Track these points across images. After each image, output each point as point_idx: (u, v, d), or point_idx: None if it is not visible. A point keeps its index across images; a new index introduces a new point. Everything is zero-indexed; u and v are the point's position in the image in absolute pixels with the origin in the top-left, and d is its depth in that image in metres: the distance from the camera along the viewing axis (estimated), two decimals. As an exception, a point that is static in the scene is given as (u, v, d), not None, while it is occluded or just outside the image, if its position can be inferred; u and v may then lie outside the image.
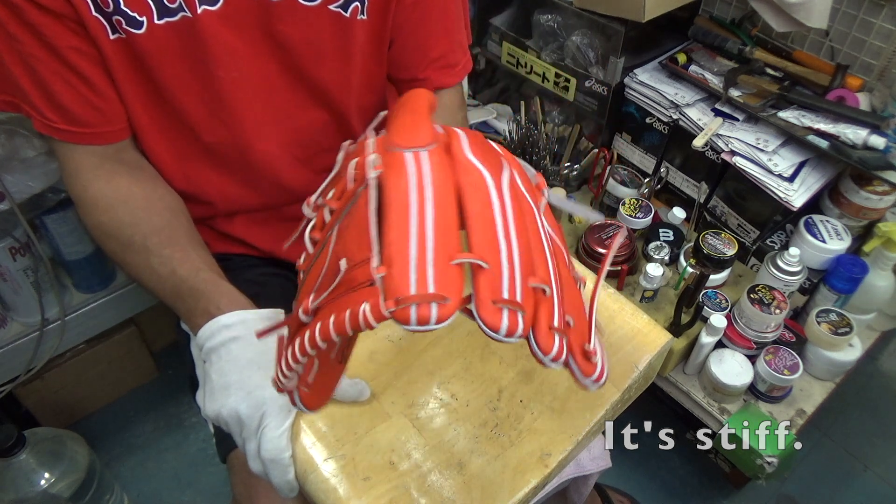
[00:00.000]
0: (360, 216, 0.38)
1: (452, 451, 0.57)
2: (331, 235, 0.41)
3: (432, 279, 0.33)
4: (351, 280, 0.36)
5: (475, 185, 0.39)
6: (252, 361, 0.53)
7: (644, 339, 0.60)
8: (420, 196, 0.36)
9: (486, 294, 0.34)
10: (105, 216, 0.65)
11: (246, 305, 0.59)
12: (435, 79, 0.80)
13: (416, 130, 0.41)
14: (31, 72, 0.62)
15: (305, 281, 0.43)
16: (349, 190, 0.41)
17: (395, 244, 0.34)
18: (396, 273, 0.33)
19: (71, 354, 1.28)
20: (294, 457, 0.54)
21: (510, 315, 0.34)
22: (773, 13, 1.14)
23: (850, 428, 1.40)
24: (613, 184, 1.29)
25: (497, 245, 0.36)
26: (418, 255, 0.34)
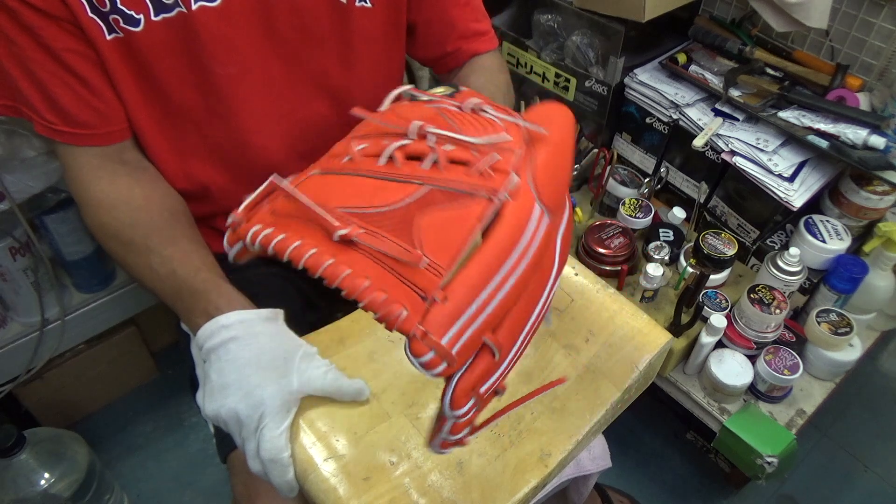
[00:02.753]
0: (462, 220, 0.37)
1: (452, 450, 0.57)
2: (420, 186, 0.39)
3: (461, 345, 0.35)
4: (410, 273, 0.36)
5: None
6: (251, 361, 0.53)
7: (644, 339, 0.60)
8: (518, 259, 0.37)
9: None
10: (106, 216, 0.65)
11: (245, 305, 0.59)
12: (466, 48, 0.81)
13: (560, 191, 0.43)
14: (30, 74, 0.62)
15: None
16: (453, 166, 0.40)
17: (466, 289, 0.35)
18: (447, 314, 0.35)
19: (71, 354, 1.28)
20: (293, 457, 0.54)
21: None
22: (773, 13, 1.14)
23: (850, 428, 1.40)
24: (613, 184, 1.29)
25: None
26: (472, 314, 0.35)
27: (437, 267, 0.35)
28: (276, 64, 0.71)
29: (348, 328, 0.66)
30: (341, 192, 0.40)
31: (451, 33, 0.80)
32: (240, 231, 0.39)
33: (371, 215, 0.38)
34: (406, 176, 0.40)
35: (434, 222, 0.37)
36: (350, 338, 0.65)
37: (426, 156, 0.40)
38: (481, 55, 0.83)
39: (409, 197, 0.38)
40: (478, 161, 0.40)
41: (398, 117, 0.43)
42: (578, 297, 0.62)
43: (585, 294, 0.62)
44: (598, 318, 0.61)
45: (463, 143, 0.41)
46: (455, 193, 0.38)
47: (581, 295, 0.62)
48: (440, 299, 0.35)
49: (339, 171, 0.41)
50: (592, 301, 0.62)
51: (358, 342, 0.65)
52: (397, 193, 0.39)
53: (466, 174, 0.39)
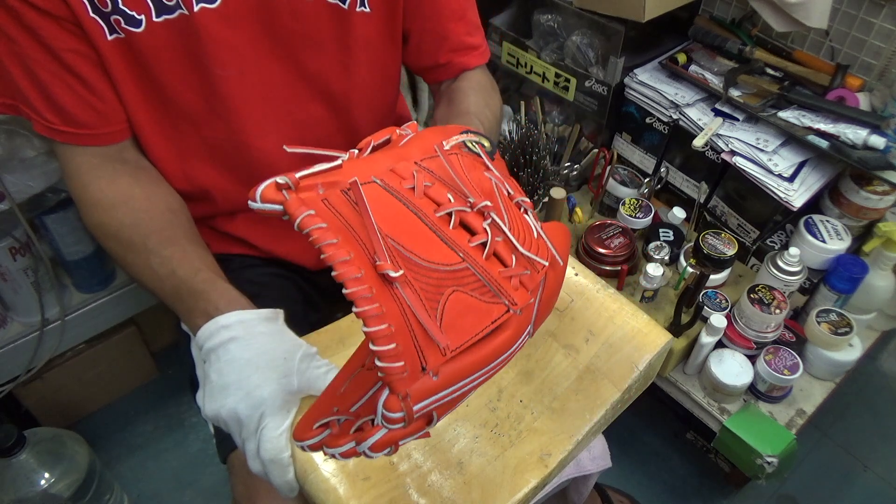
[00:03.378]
0: (481, 315, 0.40)
1: (452, 451, 0.57)
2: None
3: (420, 415, 0.38)
4: (424, 342, 0.38)
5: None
6: (251, 361, 0.53)
7: (644, 340, 0.60)
8: (498, 366, 0.42)
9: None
10: (105, 216, 0.65)
11: (245, 305, 0.59)
12: (457, 61, 0.81)
13: (548, 313, 0.49)
14: (30, 74, 0.62)
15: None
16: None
17: (454, 376, 0.39)
18: (430, 388, 0.38)
19: (71, 354, 1.28)
20: (294, 457, 0.54)
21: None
22: (773, 13, 1.14)
23: (850, 428, 1.40)
24: (613, 184, 1.29)
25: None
26: (444, 395, 0.39)
27: (445, 348, 0.38)
28: (275, 66, 0.71)
29: (348, 328, 0.66)
30: (395, 220, 0.40)
31: (444, 45, 0.80)
32: (290, 204, 0.38)
33: (415, 264, 0.38)
34: (453, 242, 0.41)
35: (458, 303, 0.39)
36: (350, 338, 0.65)
37: (477, 232, 0.42)
38: (472, 70, 0.83)
39: (450, 266, 0.40)
40: (514, 270, 0.43)
41: (468, 177, 0.45)
42: (578, 297, 0.62)
43: (585, 294, 0.62)
44: (598, 319, 0.61)
45: (511, 244, 0.43)
46: (485, 286, 0.41)
47: (581, 295, 0.62)
48: (433, 375, 0.37)
49: (399, 196, 0.41)
50: (592, 301, 0.62)
51: (358, 342, 0.65)
52: (443, 256, 0.40)
53: (501, 275, 0.42)
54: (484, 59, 0.84)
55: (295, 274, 0.88)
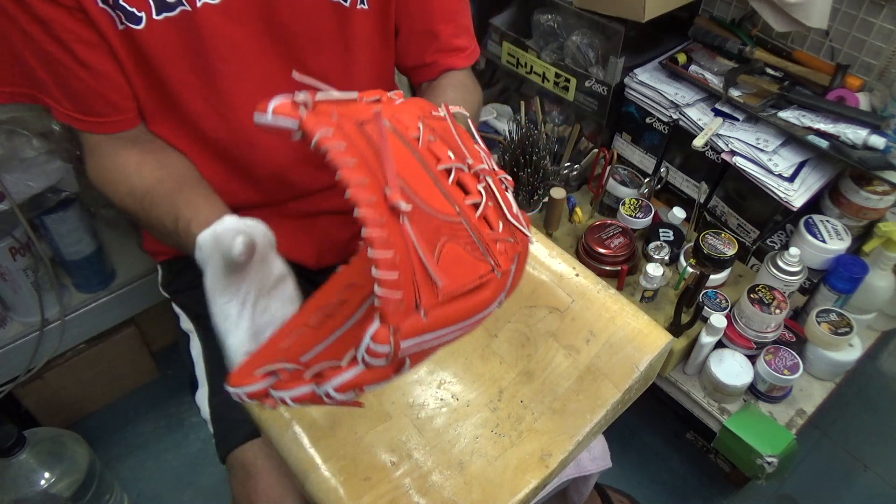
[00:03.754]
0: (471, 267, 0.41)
1: (453, 451, 0.57)
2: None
3: (403, 356, 0.38)
4: (423, 280, 0.38)
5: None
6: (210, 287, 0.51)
7: (645, 340, 0.60)
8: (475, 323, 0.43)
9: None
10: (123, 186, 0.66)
11: (214, 215, 0.55)
12: (443, 62, 0.81)
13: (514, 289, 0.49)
14: (47, 64, 0.63)
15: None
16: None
17: (441, 320, 0.39)
18: (419, 328, 0.38)
19: (71, 354, 1.28)
20: (295, 457, 0.54)
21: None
22: (773, 13, 1.14)
23: (850, 428, 1.40)
24: (613, 184, 1.29)
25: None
26: (427, 340, 0.39)
27: (440, 291, 0.38)
28: (275, 64, 0.71)
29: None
30: (403, 162, 0.40)
31: (432, 45, 0.80)
32: (308, 121, 0.38)
33: (418, 206, 0.39)
34: (451, 196, 0.42)
35: (452, 253, 0.40)
36: (350, 338, 0.65)
37: (471, 193, 0.43)
38: (456, 71, 0.83)
39: (447, 216, 0.41)
40: (500, 235, 0.44)
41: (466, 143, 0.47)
42: (579, 297, 0.62)
43: (586, 295, 0.62)
44: (599, 319, 0.61)
45: (500, 210, 0.45)
46: (475, 244, 0.42)
47: (582, 296, 0.62)
48: (424, 315, 0.37)
49: (407, 141, 0.42)
50: (593, 302, 0.62)
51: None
52: (442, 205, 0.41)
53: (489, 236, 0.43)
54: (469, 61, 0.84)
55: (295, 275, 0.88)
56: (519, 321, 0.64)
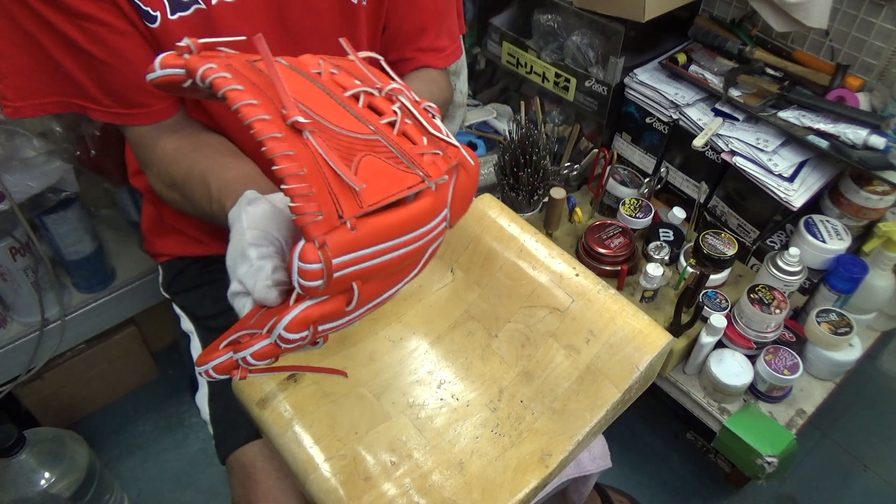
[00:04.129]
0: (397, 179, 0.39)
1: (453, 451, 0.57)
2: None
3: (341, 276, 0.37)
4: (340, 189, 0.36)
5: None
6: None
7: (645, 340, 0.60)
8: (416, 238, 0.41)
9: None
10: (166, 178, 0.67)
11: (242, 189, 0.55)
12: (421, 59, 0.82)
13: (461, 215, 0.48)
14: (85, 63, 0.62)
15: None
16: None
17: (374, 232, 0.38)
18: (349, 241, 0.36)
19: (71, 354, 1.28)
20: (296, 458, 0.54)
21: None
22: (773, 13, 1.14)
23: (850, 428, 1.40)
24: (613, 184, 1.29)
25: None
26: (364, 256, 0.38)
27: (362, 200, 0.36)
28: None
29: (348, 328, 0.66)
30: (304, 91, 0.39)
31: (414, 42, 0.81)
32: (191, 61, 0.37)
33: (325, 126, 0.37)
34: (363, 117, 0.40)
35: (373, 165, 0.38)
36: (350, 338, 0.65)
37: (385, 114, 0.41)
38: (431, 68, 0.83)
39: (361, 134, 0.39)
40: (425, 147, 0.41)
41: (374, 73, 0.45)
42: (579, 297, 0.62)
43: (586, 295, 0.62)
44: (599, 319, 0.61)
45: (421, 126, 0.42)
46: (398, 158, 0.40)
47: (582, 296, 0.62)
48: (351, 226, 0.35)
49: (306, 74, 0.41)
50: (593, 302, 0.62)
51: (358, 342, 0.65)
52: (353, 125, 0.39)
53: (413, 150, 0.41)
54: (447, 62, 0.85)
55: None
56: (519, 321, 0.64)
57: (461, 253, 0.68)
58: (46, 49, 0.61)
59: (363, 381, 0.61)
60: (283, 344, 0.38)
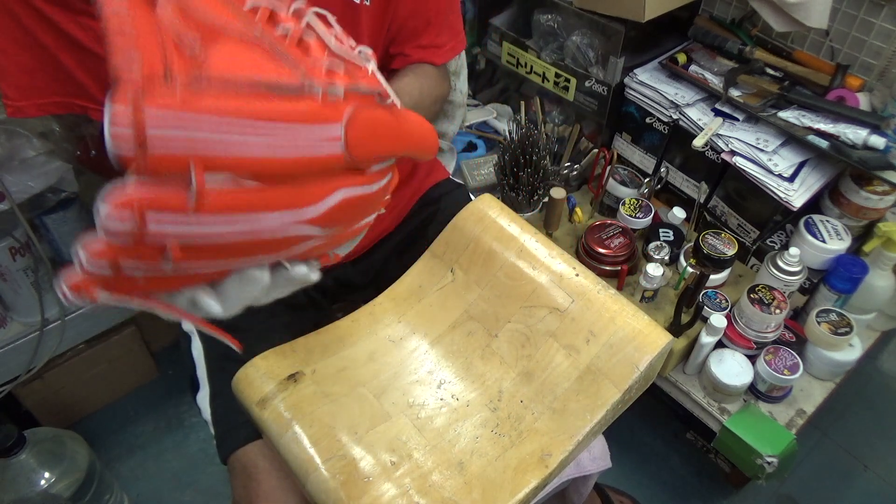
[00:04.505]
0: (259, 66, 0.34)
1: (453, 451, 0.57)
2: None
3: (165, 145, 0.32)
4: (174, 49, 0.32)
5: None
6: None
7: (645, 340, 0.60)
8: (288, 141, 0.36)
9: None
10: None
11: None
12: (417, 55, 0.82)
13: (372, 152, 0.42)
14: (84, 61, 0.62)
15: None
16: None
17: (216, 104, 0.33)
18: (174, 104, 0.31)
19: (71, 354, 1.28)
20: (296, 458, 0.54)
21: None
22: (773, 13, 1.14)
23: (850, 428, 1.40)
24: (613, 184, 1.29)
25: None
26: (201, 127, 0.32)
27: (205, 67, 0.32)
28: None
29: (348, 328, 0.66)
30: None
31: (415, 40, 0.81)
32: None
33: (183, 7, 0.33)
34: (245, 18, 0.35)
35: (235, 50, 0.34)
36: (350, 338, 0.65)
37: (280, 24, 0.37)
38: (426, 65, 0.83)
39: (230, 23, 0.34)
40: (319, 56, 0.37)
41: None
42: (579, 297, 0.62)
43: (586, 295, 0.62)
44: (599, 319, 0.61)
45: (327, 48, 0.38)
46: (273, 52, 0.35)
47: (582, 296, 0.62)
48: (181, 91, 0.30)
49: None
50: (593, 302, 0.62)
51: (358, 342, 0.65)
52: (222, 12, 0.34)
53: (299, 55, 0.37)
54: (444, 59, 0.84)
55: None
56: (519, 321, 0.64)
57: (461, 253, 0.68)
58: (48, 48, 0.61)
59: (363, 381, 0.61)
60: (107, 235, 0.32)
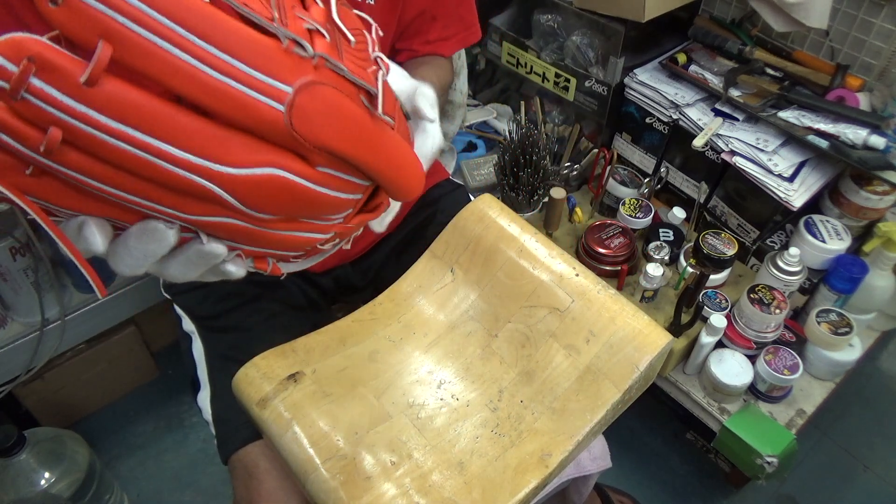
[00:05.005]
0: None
1: (453, 451, 0.57)
2: None
3: None
4: None
5: None
6: None
7: (645, 340, 0.60)
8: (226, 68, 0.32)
9: None
10: None
11: None
12: (425, 50, 0.83)
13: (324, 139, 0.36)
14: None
15: None
16: None
17: None
18: None
19: (71, 354, 1.28)
20: (295, 457, 0.54)
21: None
22: (772, 13, 1.14)
23: (850, 428, 1.40)
24: (613, 184, 1.29)
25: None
26: None
27: None
28: None
29: (348, 328, 0.66)
30: None
31: (422, 35, 0.81)
32: None
33: None
34: None
35: None
36: (350, 338, 0.65)
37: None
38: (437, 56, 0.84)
39: None
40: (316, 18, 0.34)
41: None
42: (579, 297, 0.62)
43: (586, 295, 0.62)
44: (599, 319, 0.61)
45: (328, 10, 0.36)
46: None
47: (582, 296, 0.62)
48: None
49: None
50: (593, 302, 0.62)
51: (358, 342, 0.65)
52: None
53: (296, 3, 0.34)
54: (452, 50, 0.85)
55: (297, 276, 0.88)
56: (519, 321, 0.64)
57: (461, 253, 0.68)
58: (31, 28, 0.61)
59: (363, 381, 0.61)
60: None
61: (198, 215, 0.35)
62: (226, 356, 0.78)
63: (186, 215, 0.35)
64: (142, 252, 0.37)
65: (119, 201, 0.34)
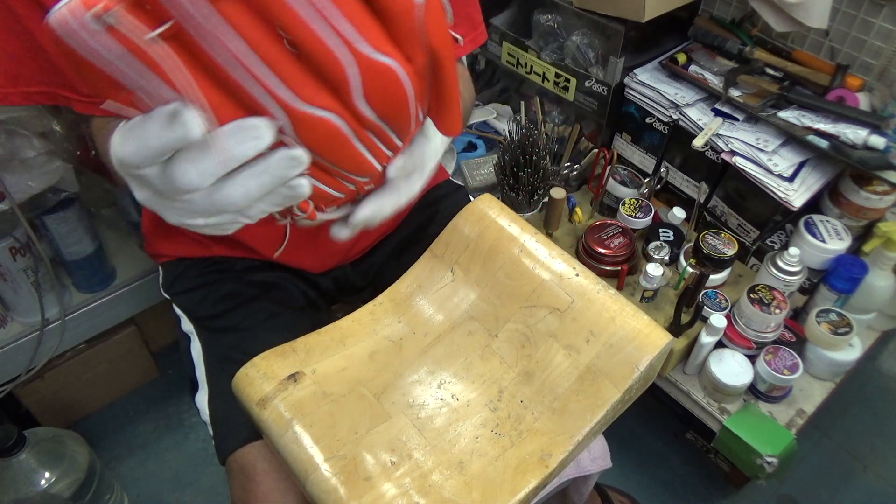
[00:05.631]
0: None
1: (453, 451, 0.57)
2: None
3: None
4: None
5: None
6: None
7: (645, 340, 0.60)
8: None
9: None
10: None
11: None
12: None
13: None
14: None
15: None
16: None
17: None
18: None
19: (71, 354, 1.28)
20: (294, 458, 0.54)
21: None
22: (772, 13, 1.14)
23: (850, 428, 1.40)
24: (613, 184, 1.29)
25: None
26: None
27: None
28: None
29: (348, 328, 0.66)
30: None
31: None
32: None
33: None
34: None
35: None
36: (350, 338, 0.65)
37: None
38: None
39: None
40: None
41: None
42: (579, 297, 0.62)
43: (586, 295, 0.62)
44: (599, 319, 0.61)
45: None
46: None
47: (582, 296, 0.62)
48: None
49: None
50: (593, 302, 0.62)
51: (358, 342, 0.65)
52: None
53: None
54: (466, 50, 0.83)
55: (297, 276, 0.88)
56: (519, 321, 0.64)
57: (461, 253, 0.68)
58: (35, 34, 0.60)
59: (363, 381, 0.61)
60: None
61: (310, 105, 0.35)
62: (224, 357, 0.78)
63: (299, 104, 0.34)
64: (231, 143, 0.34)
65: (238, 78, 0.33)
